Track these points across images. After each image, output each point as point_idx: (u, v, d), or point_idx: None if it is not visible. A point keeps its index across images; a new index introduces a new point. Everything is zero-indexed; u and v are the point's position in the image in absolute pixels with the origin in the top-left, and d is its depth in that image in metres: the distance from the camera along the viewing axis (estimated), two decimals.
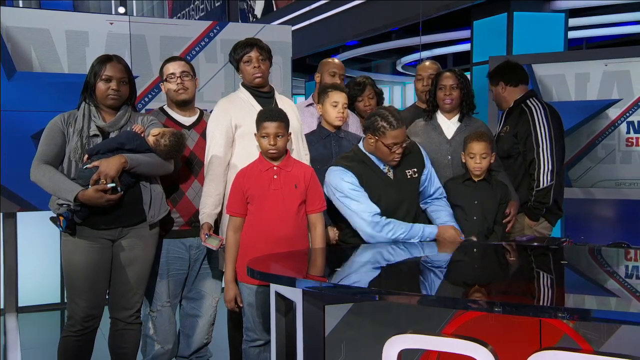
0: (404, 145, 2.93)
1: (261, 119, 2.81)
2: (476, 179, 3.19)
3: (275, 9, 11.55)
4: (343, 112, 3.28)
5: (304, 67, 11.87)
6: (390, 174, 2.99)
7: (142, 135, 2.82)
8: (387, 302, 2.14)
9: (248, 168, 2.86)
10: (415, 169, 3.03)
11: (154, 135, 2.81)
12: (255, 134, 2.84)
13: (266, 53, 3.05)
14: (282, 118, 2.81)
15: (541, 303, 1.89)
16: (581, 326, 2.04)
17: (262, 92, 3.09)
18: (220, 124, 2.99)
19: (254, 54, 3.02)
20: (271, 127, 2.77)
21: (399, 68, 13.72)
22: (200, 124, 3.10)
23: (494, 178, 3.26)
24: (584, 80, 4.74)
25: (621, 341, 1.97)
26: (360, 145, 3.05)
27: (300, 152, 3.15)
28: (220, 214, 2.99)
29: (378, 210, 2.88)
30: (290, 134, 2.90)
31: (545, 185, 3.44)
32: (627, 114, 4.61)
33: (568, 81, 4.77)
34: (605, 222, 5.12)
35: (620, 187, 4.64)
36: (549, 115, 3.56)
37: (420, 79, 3.92)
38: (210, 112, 3.10)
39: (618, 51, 4.83)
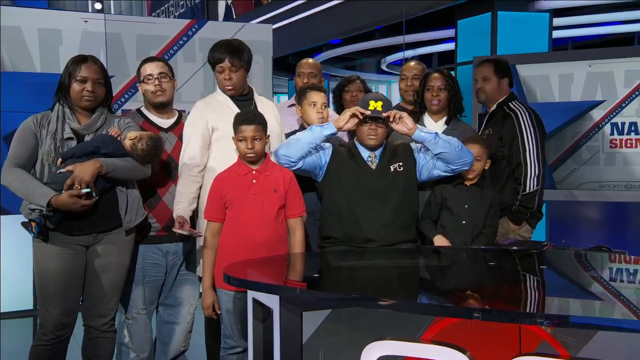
0: (382, 127, 2.98)
1: (238, 122, 2.82)
2: (468, 183, 3.19)
3: (234, 16, 11.56)
4: (322, 112, 3.28)
5: (287, 65, 11.86)
6: (373, 165, 3.02)
7: (119, 138, 2.81)
8: (366, 308, 2.15)
9: (226, 172, 2.86)
10: (401, 164, 3.05)
11: (130, 139, 2.79)
12: (233, 137, 2.84)
13: (240, 61, 3.02)
14: (259, 121, 2.82)
15: (520, 309, 1.91)
16: (559, 332, 2.07)
17: (240, 95, 3.10)
18: (196, 127, 2.99)
19: (226, 64, 3.01)
20: (248, 130, 2.78)
21: (383, 67, 13.80)
22: (178, 127, 3.09)
23: (486, 182, 3.26)
24: (567, 81, 4.80)
25: (598, 346, 2.00)
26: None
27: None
28: (196, 216, 2.99)
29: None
30: (269, 136, 2.90)
31: (531, 190, 3.48)
32: (611, 116, 4.69)
33: (552, 82, 4.83)
34: (590, 224, 5.21)
35: (604, 189, 4.71)
36: (534, 119, 3.60)
37: (404, 78, 3.95)
38: (189, 113, 3.10)
39: (601, 52, 4.90)
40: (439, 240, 3.08)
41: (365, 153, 3.05)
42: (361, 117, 2.97)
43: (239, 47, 3.05)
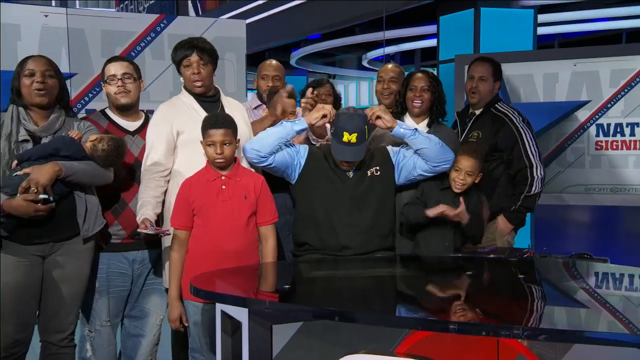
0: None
1: (206, 126, 2.81)
2: (455, 191, 3.20)
3: (204, 11, 11.54)
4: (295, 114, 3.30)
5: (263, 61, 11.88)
6: (350, 173, 3.04)
7: (79, 141, 2.79)
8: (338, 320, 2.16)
9: (194, 178, 2.86)
10: (378, 168, 3.07)
11: (91, 141, 2.77)
12: (201, 142, 2.83)
13: (208, 56, 3.02)
14: (228, 125, 2.81)
15: (497, 321, 1.94)
16: (537, 343, 2.10)
17: (207, 96, 3.09)
18: (160, 131, 2.97)
19: (194, 57, 3.00)
20: (217, 134, 2.77)
21: (365, 63, 13.84)
22: (145, 129, 3.07)
23: (474, 191, 3.25)
24: (552, 81, 4.87)
25: (576, 358, 2.04)
26: None
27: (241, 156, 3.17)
28: (161, 222, 2.97)
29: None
30: (239, 140, 2.90)
31: (536, 191, 3.54)
32: (597, 116, 4.76)
33: (536, 81, 4.89)
34: (575, 228, 5.28)
35: (590, 192, 4.78)
36: (525, 120, 3.65)
37: (381, 80, 3.96)
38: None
39: (587, 51, 4.98)
40: (442, 207, 3.04)
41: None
42: (331, 121, 2.98)
43: (206, 43, 3.07)
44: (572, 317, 2.03)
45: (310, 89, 3.51)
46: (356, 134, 2.92)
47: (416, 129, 3.05)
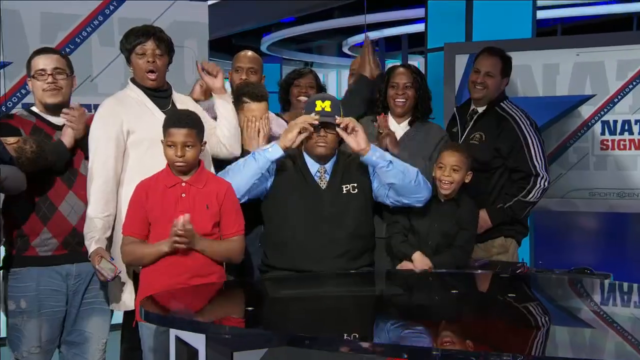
0: (332, 133, 2.99)
1: (168, 123, 2.82)
2: (443, 199, 3.22)
3: None
4: (264, 128, 3.31)
5: (230, 48, 11.82)
6: (323, 184, 3.03)
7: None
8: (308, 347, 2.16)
9: (152, 181, 2.86)
10: (355, 185, 3.06)
11: (11, 144, 2.75)
12: (162, 141, 2.83)
13: (166, 47, 3.03)
14: (193, 124, 2.82)
15: (484, 347, 1.96)
16: None
17: (158, 90, 3.09)
18: (107, 130, 2.96)
19: (150, 45, 3.00)
20: (179, 134, 2.77)
21: (345, 50, 13.88)
22: None
23: (464, 200, 3.29)
24: (553, 72, 4.90)
25: None
26: None
27: (207, 161, 3.16)
28: (111, 243, 2.96)
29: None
30: (205, 143, 2.91)
31: (531, 199, 3.59)
32: (602, 112, 4.80)
33: (535, 73, 4.92)
34: (579, 237, 5.31)
35: (594, 197, 4.81)
36: (533, 125, 3.70)
37: (353, 74, 4.00)
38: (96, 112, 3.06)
39: (591, 39, 5.01)
40: (419, 260, 3.08)
41: (314, 167, 3.07)
42: (312, 130, 2.98)
43: (163, 33, 3.07)
44: (569, 342, 2.05)
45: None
46: (330, 102, 2.98)
47: (391, 160, 3.01)
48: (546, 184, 3.60)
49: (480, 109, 3.79)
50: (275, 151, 2.98)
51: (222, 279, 2.93)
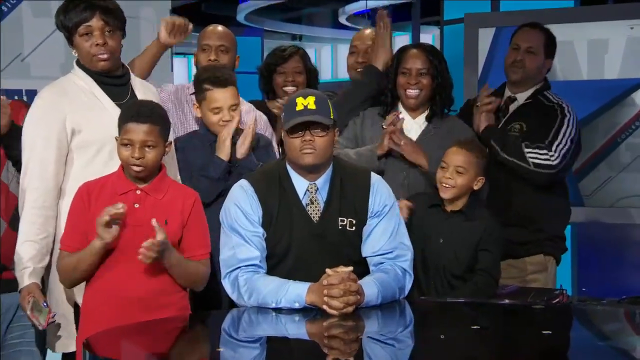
0: (321, 135, 2.92)
1: (125, 117, 2.83)
2: (449, 209, 3.25)
3: None
4: (232, 119, 3.33)
5: (199, 17, 11.80)
6: (315, 213, 3.00)
7: None
8: None
9: (98, 184, 2.87)
10: (354, 221, 3.02)
11: None
12: (116, 138, 2.83)
13: (116, 20, 3.02)
14: (156, 120, 2.83)
15: None
16: None
17: (112, 76, 3.09)
18: (46, 128, 2.97)
19: (96, 23, 2.98)
20: (138, 131, 2.78)
21: (342, 20, 13.87)
22: None
23: (479, 213, 3.30)
24: (600, 50, 4.92)
25: None
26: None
27: (174, 163, 3.21)
28: (48, 272, 2.97)
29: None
30: (171, 144, 2.93)
31: (531, 168, 3.62)
32: None
33: (578, 51, 4.94)
34: (632, 256, 5.29)
35: None
36: (578, 125, 3.78)
37: (355, 52, 4.00)
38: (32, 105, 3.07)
39: None
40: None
41: (302, 185, 2.99)
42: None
43: (109, 1, 3.06)
44: None
45: None
46: (314, 98, 2.91)
47: (379, 291, 2.88)
48: (550, 162, 3.62)
49: (521, 97, 3.85)
50: (299, 299, 2.82)
51: (185, 310, 2.93)
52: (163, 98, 3.47)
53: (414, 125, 3.56)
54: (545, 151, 3.61)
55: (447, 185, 3.22)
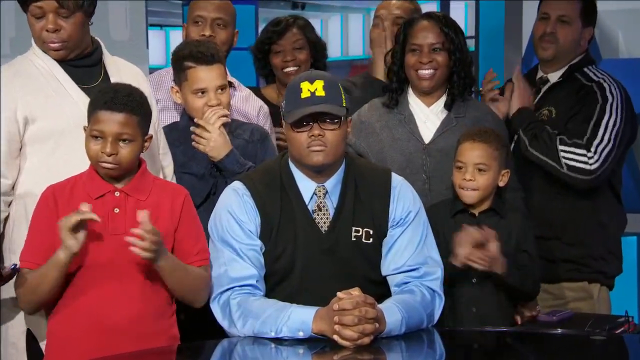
0: (331, 129, 2.91)
1: (95, 104, 2.82)
2: (476, 211, 3.27)
3: None
4: (218, 100, 3.33)
5: None
6: (324, 222, 3.02)
7: None
8: None
9: (66, 187, 2.89)
10: (370, 231, 3.01)
11: None
12: (84, 127, 2.83)
13: (74, 2, 2.99)
14: (135, 108, 2.82)
15: None
16: None
17: (78, 57, 3.11)
18: None
19: (48, 4, 2.97)
20: (111, 122, 2.77)
21: None
22: None
23: (510, 207, 3.34)
24: None
25: None
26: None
27: (157, 160, 3.24)
28: None
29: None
30: (151, 137, 2.94)
31: (564, 171, 3.58)
32: None
33: None
34: None
35: None
36: (626, 106, 3.71)
37: (378, 24, 3.99)
38: None
39: None
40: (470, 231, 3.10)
41: (308, 188, 3.01)
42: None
43: None
44: None
45: None
46: (322, 82, 2.90)
47: (403, 318, 2.86)
48: (586, 167, 3.56)
49: (553, 76, 3.84)
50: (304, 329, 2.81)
51: (174, 340, 2.94)
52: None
53: (430, 116, 3.54)
54: (583, 151, 3.57)
55: (468, 189, 3.23)
